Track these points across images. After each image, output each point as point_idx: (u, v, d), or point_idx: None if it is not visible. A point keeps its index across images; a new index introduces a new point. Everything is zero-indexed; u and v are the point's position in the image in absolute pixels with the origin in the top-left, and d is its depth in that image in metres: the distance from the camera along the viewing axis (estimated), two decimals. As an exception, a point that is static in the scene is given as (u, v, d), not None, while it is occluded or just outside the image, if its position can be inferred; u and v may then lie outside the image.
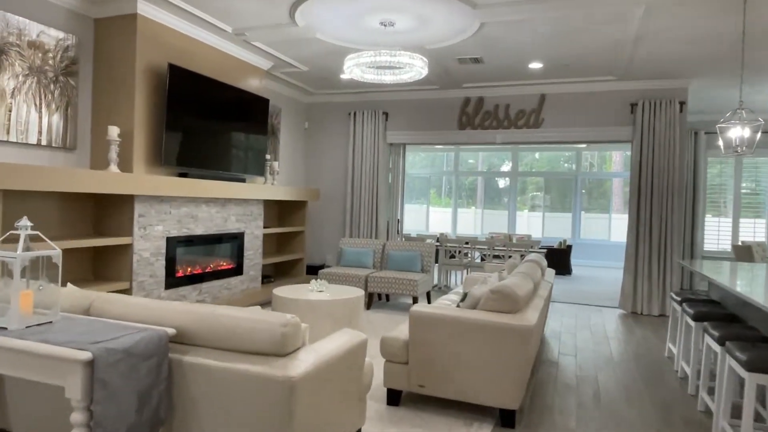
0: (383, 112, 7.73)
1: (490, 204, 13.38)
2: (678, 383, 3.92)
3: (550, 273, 5.12)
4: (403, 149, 8.03)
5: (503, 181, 13.29)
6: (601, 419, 3.21)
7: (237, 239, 5.84)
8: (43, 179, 3.57)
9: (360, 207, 7.80)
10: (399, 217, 8.15)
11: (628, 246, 6.54)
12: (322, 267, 8.00)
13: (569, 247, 10.33)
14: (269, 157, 6.56)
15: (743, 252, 7.01)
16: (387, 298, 6.77)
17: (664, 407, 3.44)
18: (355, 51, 5.71)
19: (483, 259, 8.60)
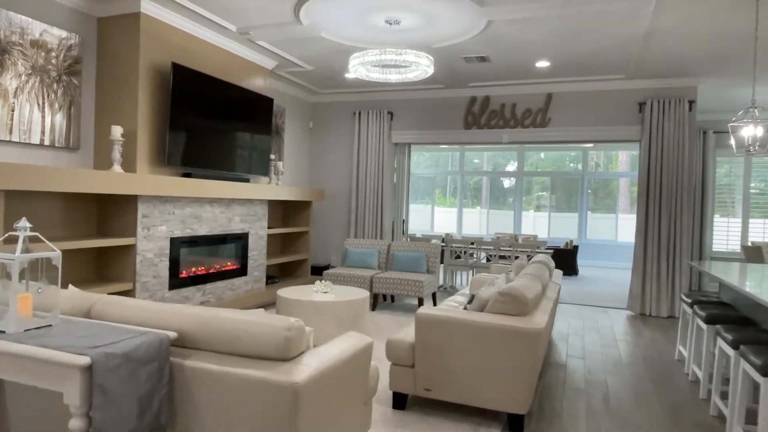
0: (388, 111, 7.68)
1: (495, 204, 13.30)
2: (689, 387, 3.85)
3: (557, 274, 5.06)
4: (408, 149, 7.97)
5: (508, 181, 13.21)
6: (611, 424, 3.14)
7: (241, 240, 5.80)
8: (46, 179, 3.54)
9: (365, 207, 7.75)
10: (404, 218, 8.09)
11: (636, 247, 6.46)
12: (326, 267, 7.96)
13: (576, 248, 10.25)
14: (273, 157, 6.52)
15: (753, 253, 6.92)
16: (392, 299, 6.72)
17: (675, 412, 3.37)
18: (360, 50, 5.66)
19: (489, 260, 8.53)
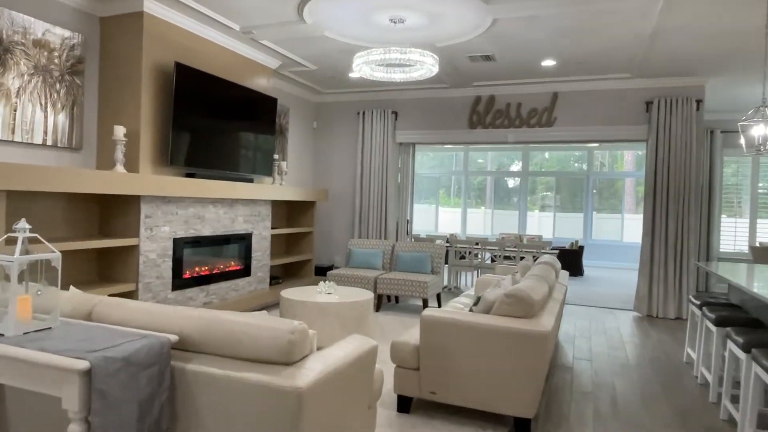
0: (392, 111, 7.64)
1: (499, 204, 13.24)
2: (698, 390, 3.79)
3: (563, 275, 5.00)
4: (413, 149, 7.92)
5: (512, 181, 13.15)
6: (619, 427, 3.09)
7: (245, 240, 5.77)
8: (47, 180, 3.51)
9: (369, 207, 7.71)
10: (408, 218, 8.05)
11: (643, 247, 6.39)
12: (330, 268, 7.92)
13: (581, 248, 10.18)
14: (277, 157, 6.49)
15: (761, 253, 6.84)
16: (396, 299, 6.67)
17: (684, 415, 3.31)
18: (364, 49, 5.62)
19: (493, 260, 8.48)
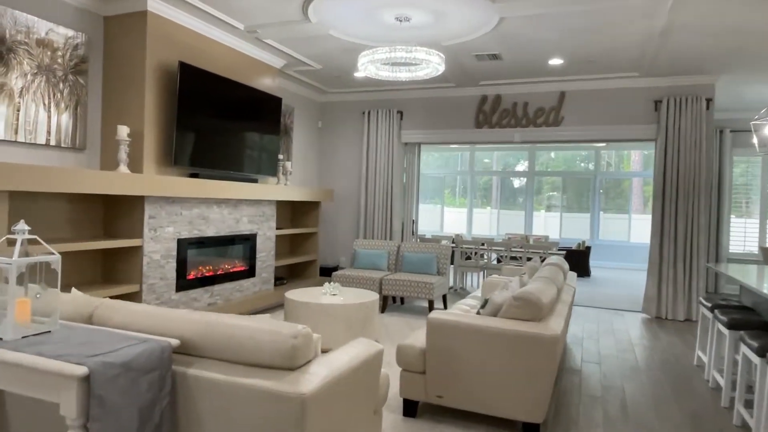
0: (398, 111, 7.59)
1: (505, 204, 13.16)
2: (710, 394, 3.72)
3: (571, 276, 4.94)
4: (418, 149, 7.87)
5: (518, 181, 13.06)
6: (631, 434, 3.03)
7: (249, 241, 5.73)
8: (50, 180, 3.48)
9: (374, 208, 7.66)
10: (414, 218, 7.99)
11: (651, 248, 6.31)
12: (335, 269, 7.88)
13: (588, 249, 10.09)
14: (282, 157, 6.45)
15: (772, 254, 6.73)
16: (402, 301, 6.62)
17: (696, 420, 3.25)
18: (369, 48, 5.57)
19: (499, 261, 8.41)
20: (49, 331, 1.96)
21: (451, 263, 8.28)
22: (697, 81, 6.16)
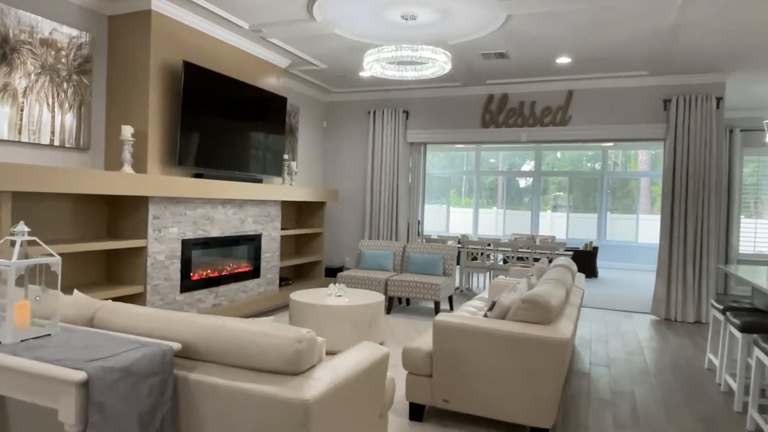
0: (403, 110, 7.53)
1: (511, 204, 13.08)
2: (722, 398, 3.64)
3: (580, 278, 4.87)
4: (424, 148, 7.81)
5: (524, 181, 12.98)
6: (642, 439, 2.96)
7: (254, 241, 5.70)
8: (53, 180, 3.45)
9: (380, 208, 7.61)
10: (419, 218, 7.94)
11: (661, 249, 6.23)
12: (341, 269, 7.84)
13: (595, 249, 10.00)
14: (287, 157, 6.41)
15: (784, 255, 6.64)
16: (407, 302, 6.57)
17: (708, 425, 3.18)
18: (375, 47, 5.52)
19: (506, 262, 8.34)
20: (49, 335, 1.93)
21: (457, 264, 8.22)
22: (708, 79, 6.08)
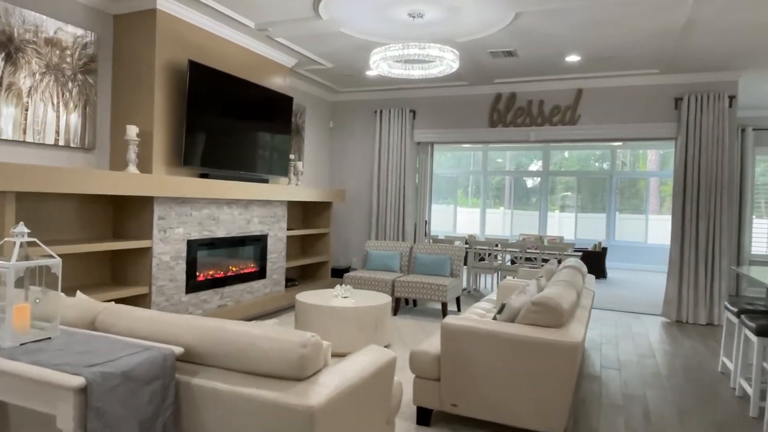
0: (410, 110, 7.47)
1: (518, 204, 12.98)
2: (736, 403, 3.56)
3: (590, 279, 4.79)
4: (431, 148, 7.75)
5: (531, 181, 12.87)
6: (655, 445, 2.89)
7: (260, 242, 5.66)
8: (58, 181, 3.43)
9: (386, 208, 7.56)
10: (426, 219, 7.88)
11: (672, 250, 6.13)
12: (347, 270, 7.79)
13: (604, 250, 9.89)
14: (293, 157, 6.37)
15: (798, 257, 6.52)
16: (414, 303, 6.51)
17: (723, 430, 3.10)
18: (382, 45, 5.47)
19: (513, 262, 8.26)
20: (49, 338, 1.89)
21: (464, 264, 8.15)
22: (720, 77, 5.98)
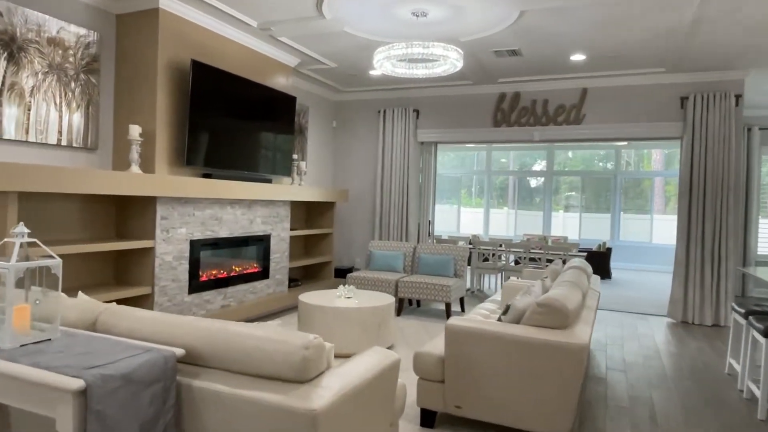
0: (414, 109, 7.44)
1: (522, 204, 12.93)
2: (744, 405, 3.52)
3: (595, 280, 4.75)
4: (435, 148, 7.72)
5: (535, 181, 12.82)
6: (662, 448, 2.85)
7: (263, 242, 5.64)
8: (60, 181, 3.41)
9: (390, 208, 7.53)
10: (430, 219, 7.84)
11: (677, 250, 6.08)
12: (350, 270, 7.76)
13: (609, 250, 9.84)
14: (296, 157, 6.35)
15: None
16: (418, 303, 6.48)
17: (732, 435, 3.06)
18: (385, 44, 5.44)
19: (518, 263, 8.23)
20: (50, 339, 1.87)
21: (468, 264, 8.11)
22: (726, 76, 5.92)
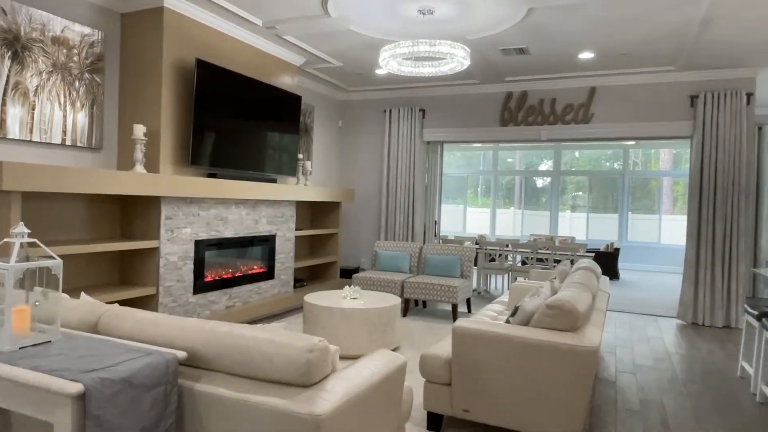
0: (420, 108, 7.39)
1: (529, 204, 12.85)
2: (758, 409, 3.44)
3: (604, 281, 4.68)
4: (441, 148, 7.67)
5: (541, 181, 12.73)
6: (674, 454, 2.79)
7: (268, 242, 5.61)
8: (64, 180, 3.39)
9: (396, 208, 7.48)
10: (436, 219, 7.79)
11: (687, 251, 6.00)
12: (356, 270, 7.72)
13: (617, 250, 9.74)
14: (302, 157, 6.32)
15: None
16: (424, 304, 6.43)
17: (746, 440, 2.99)
18: (391, 43, 5.39)
19: (524, 263, 8.16)
20: (50, 341, 1.84)
21: (474, 265, 8.07)
22: (737, 74, 5.83)
